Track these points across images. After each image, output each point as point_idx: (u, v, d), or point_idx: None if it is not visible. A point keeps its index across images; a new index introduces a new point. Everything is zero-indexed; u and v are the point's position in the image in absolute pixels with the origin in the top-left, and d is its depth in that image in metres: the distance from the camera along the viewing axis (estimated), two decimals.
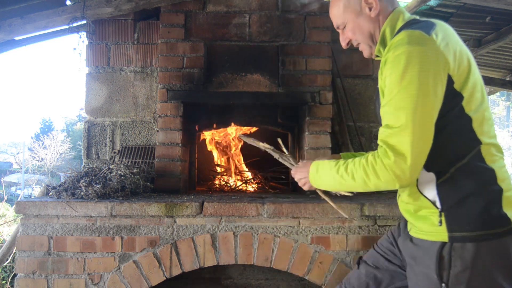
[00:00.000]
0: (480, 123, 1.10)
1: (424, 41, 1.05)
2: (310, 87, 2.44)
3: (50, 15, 2.40)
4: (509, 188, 1.10)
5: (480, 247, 1.05)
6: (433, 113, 1.05)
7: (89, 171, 2.11)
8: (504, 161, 1.16)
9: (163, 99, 2.42)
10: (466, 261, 1.06)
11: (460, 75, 1.08)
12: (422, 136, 1.04)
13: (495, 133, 1.17)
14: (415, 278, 1.18)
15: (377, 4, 1.22)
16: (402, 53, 1.05)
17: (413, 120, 1.02)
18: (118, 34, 2.70)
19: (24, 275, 1.86)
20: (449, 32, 1.13)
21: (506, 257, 1.06)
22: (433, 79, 1.03)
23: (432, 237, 1.12)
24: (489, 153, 1.10)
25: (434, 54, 1.04)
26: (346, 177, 1.18)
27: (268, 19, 2.49)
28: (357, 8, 1.25)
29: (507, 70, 4.75)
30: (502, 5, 2.85)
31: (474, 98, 1.09)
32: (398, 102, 1.05)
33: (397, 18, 1.21)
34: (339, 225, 1.89)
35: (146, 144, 2.65)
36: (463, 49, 1.12)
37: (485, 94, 1.15)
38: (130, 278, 1.85)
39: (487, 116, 1.12)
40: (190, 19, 2.48)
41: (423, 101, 1.02)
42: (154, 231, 1.88)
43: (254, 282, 2.41)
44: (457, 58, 1.08)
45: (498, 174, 1.09)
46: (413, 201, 1.18)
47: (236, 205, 1.88)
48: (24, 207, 1.87)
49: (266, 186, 2.74)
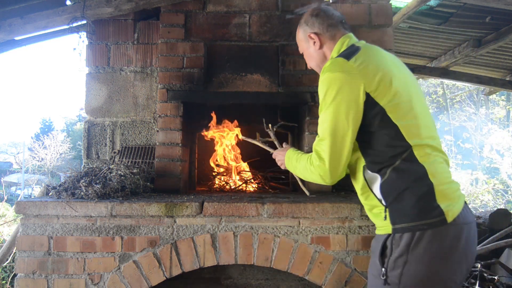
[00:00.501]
0: (408, 129, 1.27)
1: (342, 67, 1.30)
2: (310, 87, 2.44)
3: (50, 15, 2.41)
4: (442, 182, 1.26)
5: (416, 236, 1.21)
6: (346, 128, 1.29)
7: (89, 171, 2.11)
8: (441, 158, 1.32)
9: (163, 99, 2.42)
10: (402, 248, 1.22)
11: (381, 91, 1.28)
12: (336, 146, 1.31)
13: (433, 134, 1.34)
14: (370, 268, 1.38)
15: (318, 40, 1.51)
16: (325, 79, 1.32)
17: (330, 134, 1.31)
18: (118, 34, 2.70)
19: (24, 275, 1.86)
20: (372, 54, 1.37)
21: (440, 244, 1.20)
22: (347, 100, 1.28)
23: (382, 231, 1.32)
24: (422, 153, 1.27)
25: (349, 78, 1.28)
26: (299, 168, 1.52)
27: (268, 19, 2.49)
28: (307, 41, 1.56)
29: (507, 70, 4.75)
30: (502, 5, 2.85)
31: (398, 108, 1.28)
32: (322, 118, 1.35)
33: (341, 46, 1.47)
34: (339, 225, 1.89)
35: (146, 144, 2.65)
36: (385, 68, 1.32)
37: (415, 103, 1.32)
38: (130, 278, 1.85)
39: (418, 122, 1.30)
40: (190, 19, 2.49)
41: (338, 119, 1.29)
42: (154, 231, 1.88)
43: (254, 282, 2.40)
44: (377, 77, 1.28)
45: (430, 170, 1.25)
46: (365, 200, 1.40)
47: (236, 205, 1.88)
48: (24, 207, 1.87)
49: (266, 186, 2.74)
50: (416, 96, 1.35)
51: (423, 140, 1.29)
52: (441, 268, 1.21)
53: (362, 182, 1.37)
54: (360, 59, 1.32)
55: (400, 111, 1.28)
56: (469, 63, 4.59)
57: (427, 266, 1.21)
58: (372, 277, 1.35)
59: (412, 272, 1.22)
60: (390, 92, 1.28)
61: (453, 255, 1.22)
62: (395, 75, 1.32)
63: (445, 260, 1.21)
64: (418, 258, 1.21)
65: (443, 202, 1.23)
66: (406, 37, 3.97)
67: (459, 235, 1.23)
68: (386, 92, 1.28)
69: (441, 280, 1.22)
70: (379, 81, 1.28)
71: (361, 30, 2.68)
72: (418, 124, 1.30)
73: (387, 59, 1.38)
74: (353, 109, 1.28)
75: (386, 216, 1.29)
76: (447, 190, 1.26)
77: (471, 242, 1.26)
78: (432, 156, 1.28)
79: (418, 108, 1.33)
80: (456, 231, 1.22)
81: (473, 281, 3.00)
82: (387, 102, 1.28)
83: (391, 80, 1.30)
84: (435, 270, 1.21)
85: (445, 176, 1.29)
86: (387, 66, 1.33)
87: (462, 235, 1.23)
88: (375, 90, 1.28)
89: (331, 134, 1.31)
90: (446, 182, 1.28)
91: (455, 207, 1.24)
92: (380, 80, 1.28)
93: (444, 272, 1.22)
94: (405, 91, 1.32)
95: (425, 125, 1.33)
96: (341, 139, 1.31)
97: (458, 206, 1.25)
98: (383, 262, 1.28)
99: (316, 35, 1.51)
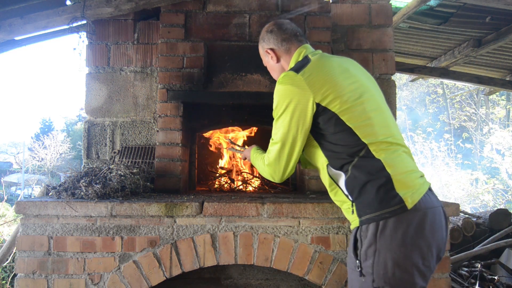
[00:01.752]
0: (362, 129, 1.38)
1: (292, 80, 1.43)
2: None
3: (50, 15, 2.40)
4: (399, 172, 1.33)
5: (380, 225, 1.29)
6: (295, 136, 1.45)
7: (89, 171, 2.11)
8: (400, 150, 1.40)
9: (163, 99, 2.42)
10: (370, 238, 1.30)
11: (330, 99, 1.39)
12: (285, 151, 1.48)
13: (391, 131, 1.43)
14: (347, 262, 1.46)
15: (274, 54, 1.65)
16: (277, 91, 1.47)
17: (281, 140, 1.48)
18: (118, 34, 2.70)
19: (24, 275, 1.86)
20: (320, 65, 1.47)
21: (404, 230, 1.26)
22: (296, 111, 1.42)
23: (353, 225, 1.42)
24: (378, 148, 1.36)
25: (298, 91, 1.41)
26: (257, 165, 1.72)
27: (268, 19, 2.49)
28: (266, 55, 1.69)
29: (507, 70, 4.75)
30: (502, 5, 2.85)
31: (350, 112, 1.38)
32: (275, 124, 1.51)
33: (297, 57, 1.58)
34: (339, 225, 1.89)
35: (146, 144, 2.65)
36: (333, 77, 1.42)
37: (368, 105, 1.42)
38: (130, 278, 1.85)
39: (372, 122, 1.39)
40: (190, 19, 2.49)
41: (289, 128, 1.45)
42: (154, 231, 1.88)
43: (254, 282, 2.41)
44: (324, 87, 1.40)
45: (386, 162, 1.34)
46: (335, 196, 1.49)
47: (236, 205, 1.88)
48: (24, 207, 1.87)
49: (266, 186, 2.74)
50: (370, 98, 1.45)
51: (379, 137, 1.38)
52: (410, 253, 1.26)
53: (329, 180, 1.47)
54: (308, 72, 1.43)
55: (352, 114, 1.39)
56: (469, 63, 4.59)
57: (395, 252, 1.27)
58: (350, 271, 1.42)
59: (382, 260, 1.28)
60: (339, 99, 1.39)
61: (419, 240, 1.27)
62: (343, 82, 1.42)
63: (412, 245, 1.27)
64: (386, 246, 1.28)
65: (402, 190, 1.30)
66: (406, 37, 3.97)
67: (422, 220, 1.29)
68: (335, 100, 1.39)
69: (412, 265, 1.27)
70: (326, 91, 1.40)
71: (361, 30, 2.69)
72: (372, 123, 1.39)
73: (335, 68, 1.47)
74: (302, 119, 1.43)
75: (354, 211, 1.38)
76: (405, 179, 1.33)
77: (437, 226, 1.32)
78: (389, 150, 1.37)
79: (372, 110, 1.43)
80: (419, 216, 1.28)
81: (473, 281, 3.01)
82: (337, 108, 1.39)
83: (339, 88, 1.40)
84: (404, 256, 1.26)
85: (403, 165, 1.37)
86: (334, 75, 1.43)
87: (426, 220, 1.29)
88: (324, 99, 1.39)
89: (281, 140, 1.48)
90: (405, 172, 1.35)
91: (416, 194, 1.31)
92: (327, 90, 1.40)
93: (413, 257, 1.27)
94: (356, 95, 1.41)
95: (381, 124, 1.42)
96: (290, 145, 1.47)
97: (419, 192, 1.32)
98: (356, 254, 1.36)
99: (272, 50, 1.65)
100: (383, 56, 2.67)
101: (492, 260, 3.42)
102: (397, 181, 1.32)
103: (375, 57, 2.67)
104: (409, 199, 1.29)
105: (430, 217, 1.30)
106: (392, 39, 2.68)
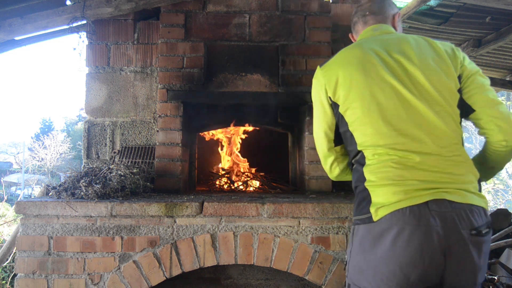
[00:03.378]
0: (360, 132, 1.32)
1: (316, 74, 1.46)
2: (310, 87, 2.42)
3: (50, 15, 2.40)
4: (380, 183, 1.23)
5: (354, 229, 1.30)
6: (318, 128, 1.47)
7: (89, 171, 2.11)
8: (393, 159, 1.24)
9: (163, 99, 2.42)
10: (350, 239, 1.33)
11: (338, 95, 1.34)
12: (317, 146, 1.51)
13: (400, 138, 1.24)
14: None
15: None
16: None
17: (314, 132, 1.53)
18: (118, 34, 2.70)
19: (24, 275, 1.86)
20: (339, 57, 1.40)
21: (369, 240, 1.23)
22: (316, 104, 1.47)
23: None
24: (370, 155, 1.29)
25: (317, 83, 1.44)
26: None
27: (268, 19, 2.49)
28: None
29: (507, 70, 4.75)
30: (502, 5, 2.85)
31: (351, 112, 1.31)
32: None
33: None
34: (339, 225, 1.89)
35: (146, 144, 2.65)
36: (345, 71, 1.33)
37: (379, 105, 1.26)
38: (130, 278, 1.85)
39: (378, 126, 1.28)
40: (190, 19, 2.49)
41: (315, 121, 1.50)
42: (154, 231, 1.88)
43: (254, 282, 2.40)
44: (338, 82, 1.34)
45: (370, 170, 1.27)
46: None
47: (236, 205, 1.88)
48: (24, 207, 1.87)
49: (266, 186, 2.74)
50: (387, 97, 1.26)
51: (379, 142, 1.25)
52: (375, 262, 1.20)
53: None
54: (328, 64, 1.41)
55: (353, 115, 1.30)
56: None
57: (361, 258, 1.25)
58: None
59: (353, 262, 1.30)
60: (346, 96, 1.31)
61: (382, 253, 1.18)
62: (358, 77, 1.30)
63: (375, 256, 1.19)
64: (355, 250, 1.28)
65: (376, 201, 1.21)
66: None
67: (384, 234, 1.17)
68: (341, 95, 1.33)
69: (378, 273, 1.19)
70: (335, 84, 1.34)
71: None
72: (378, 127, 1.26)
73: (353, 61, 1.33)
74: (321, 111, 1.44)
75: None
76: (383, 190, 1.21)
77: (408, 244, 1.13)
78: (381, 157, 1.24)
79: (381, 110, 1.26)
80: (381, 229, 1.18)
81: None
82: (342, 105, 1.33)
83: (348, 83, 1.31)
84: (369, 263, 1.22)
85: (386, 176, 1.22)
86: (348, 69, 1.32)
87: (388, 235, 1.16)
88: (333, 94, 1.36)
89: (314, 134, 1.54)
90: (385, 184, 1.21)
91: (390, 207, 1.17)
92: (336, 84, 1.34)
93: (378, 267, 1.19)
94: (365, 93, 1.28)
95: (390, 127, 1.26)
96: (318, 136, 1.49)
97: (394, 206, 1.17)
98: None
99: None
100: None
101: (492, 260, 3.41)
102: (373, 191, 1.30)
103: None
104: (379, 211, 1.20)
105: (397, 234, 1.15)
106: None
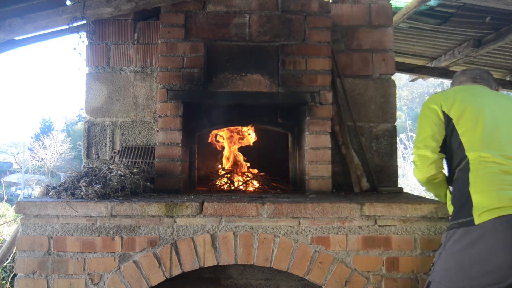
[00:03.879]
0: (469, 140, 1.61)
1: (431, 97, 1.76)
2: (310, 87, 2.44)
3: (50, 15, 2.40)
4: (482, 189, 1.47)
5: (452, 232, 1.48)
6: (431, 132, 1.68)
7: (89, 171, 2.11)
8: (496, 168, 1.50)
9: (163, 99, 2.41)
10: (444, 242, 1.51)
11: (455, 111, 1.62)
12: (419, 145, 1.69)
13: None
14: None
15: None
16: None
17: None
18: (118, 34, 2.70)
19: (24, 275, 1.86)
20: (456, 88, 1.75)
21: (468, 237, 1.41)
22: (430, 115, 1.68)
23: None
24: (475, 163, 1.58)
25: (433, 100, 1.71)
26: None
27: (268, 19, 2.49)
28: None
29: (507, 70, 4.75)
30: (502, 5, 2.85)
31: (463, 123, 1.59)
32: None
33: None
34: (339, 225, 1.89)
35: (146, 144, 2.65)
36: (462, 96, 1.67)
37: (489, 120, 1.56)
38: (130, 278, 1.85)
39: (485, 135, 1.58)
40: (190, 19, 2.48)
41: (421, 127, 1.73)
42: (154, 231, 1.88)
43: (254, 282, 2.40)
44: (456, 100, 1.65)
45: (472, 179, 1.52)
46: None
47: (236, 205, 1.88)
48: (24, 207, 1.87)
49: (266, 186, 2.74)
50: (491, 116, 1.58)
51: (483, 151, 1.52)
52: (467, 262, 1.38)
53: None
54: (444, 91, 1.76)
55: (464, 126, 1.57)
56: (469, 63, 4.58)
57: (452, 259, 1.42)
58: None
59: (441, 262, 1.45)
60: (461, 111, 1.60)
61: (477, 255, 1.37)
62: (470, 99, 1.64)
63: (468, 257, 1.38)
64: (447, 251, 1.45)
65: (480, 205, 1.41)
66: (406, 37, 3.97)
67: (483, 238, 1.37)
68: (456, 111, 1.61)
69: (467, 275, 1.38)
70: (452, 102, 1.63)
71: (361, 30, 2.69)
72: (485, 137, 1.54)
73: (468, 93, 1.69)
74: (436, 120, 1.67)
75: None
76: (488, 196, 1.42)
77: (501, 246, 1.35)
78: (488, 164, 1.48)
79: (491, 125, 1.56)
80: (482, 232, 1.38)
81: None
82: (455, 118, 1.60)
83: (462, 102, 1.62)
84: (462, 263, 1.39)
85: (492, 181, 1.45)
86: (464, 95, 1.66)
87: (488, 239, 1.36)
88: (449, 110, 1.63)
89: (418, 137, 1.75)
90: (491, 190, 1.44)
91: (494, 212, 1.38)
92: (453, 102, 1.63)
93: (470, 268, 1.37)
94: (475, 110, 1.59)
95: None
96: (423, 140, 1.69)
97: (498, 211, 1.37)
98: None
99: None
100: (383, 56, 2.67)
101: None
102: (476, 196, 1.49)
103: (375, 57, 2.67)
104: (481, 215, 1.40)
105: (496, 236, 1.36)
106: (392, 39, 2.68)
